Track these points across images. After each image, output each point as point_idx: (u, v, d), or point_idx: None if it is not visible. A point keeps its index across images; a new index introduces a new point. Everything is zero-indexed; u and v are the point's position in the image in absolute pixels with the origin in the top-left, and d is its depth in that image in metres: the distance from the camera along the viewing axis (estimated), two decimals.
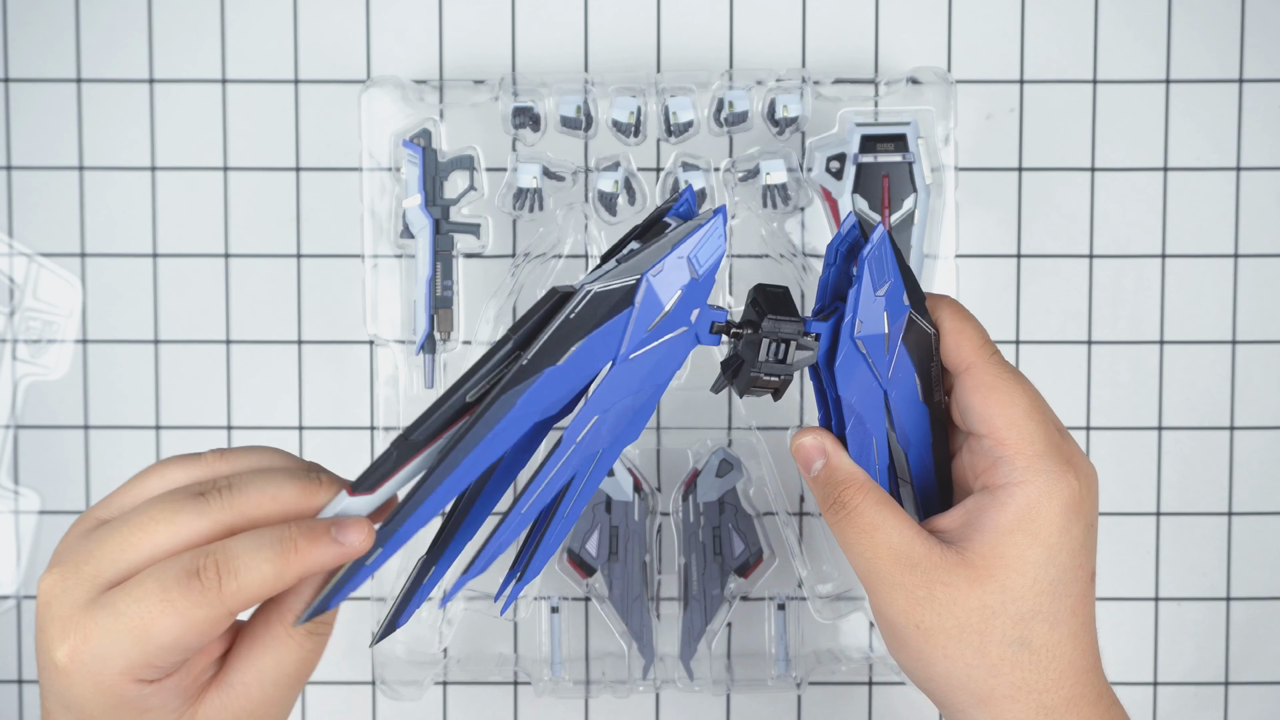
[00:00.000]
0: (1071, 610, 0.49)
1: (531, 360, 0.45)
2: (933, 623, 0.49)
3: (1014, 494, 0.49)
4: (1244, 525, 0.71)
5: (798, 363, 0.50)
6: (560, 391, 0.46)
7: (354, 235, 0.69)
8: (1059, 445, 0.49)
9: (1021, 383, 0.50)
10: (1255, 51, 0.70)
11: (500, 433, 0.45)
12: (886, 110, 0.66)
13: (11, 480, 0.71)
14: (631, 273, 0.46)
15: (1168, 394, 0.70)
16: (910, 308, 0.50)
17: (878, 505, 0.50)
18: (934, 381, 0.52)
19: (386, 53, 0.70)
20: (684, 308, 0.47)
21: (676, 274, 0.47)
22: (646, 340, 0.47)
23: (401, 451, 0.45)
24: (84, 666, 0.43)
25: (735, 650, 0.70)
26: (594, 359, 0.46)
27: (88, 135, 0.70)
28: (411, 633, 0.68)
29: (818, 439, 0.52)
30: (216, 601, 0.43)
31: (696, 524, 0.67)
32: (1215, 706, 0.71)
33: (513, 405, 0.45)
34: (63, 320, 0.71)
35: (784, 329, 0.49)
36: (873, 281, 0.49)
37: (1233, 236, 0.70)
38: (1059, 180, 0.70)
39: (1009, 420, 0.49)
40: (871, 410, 0.51)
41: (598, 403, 0.47)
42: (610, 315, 0.46)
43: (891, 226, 0.65)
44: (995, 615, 0.49)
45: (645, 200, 0.67)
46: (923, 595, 0.49)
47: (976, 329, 0.51)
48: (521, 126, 0.66)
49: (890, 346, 0.50)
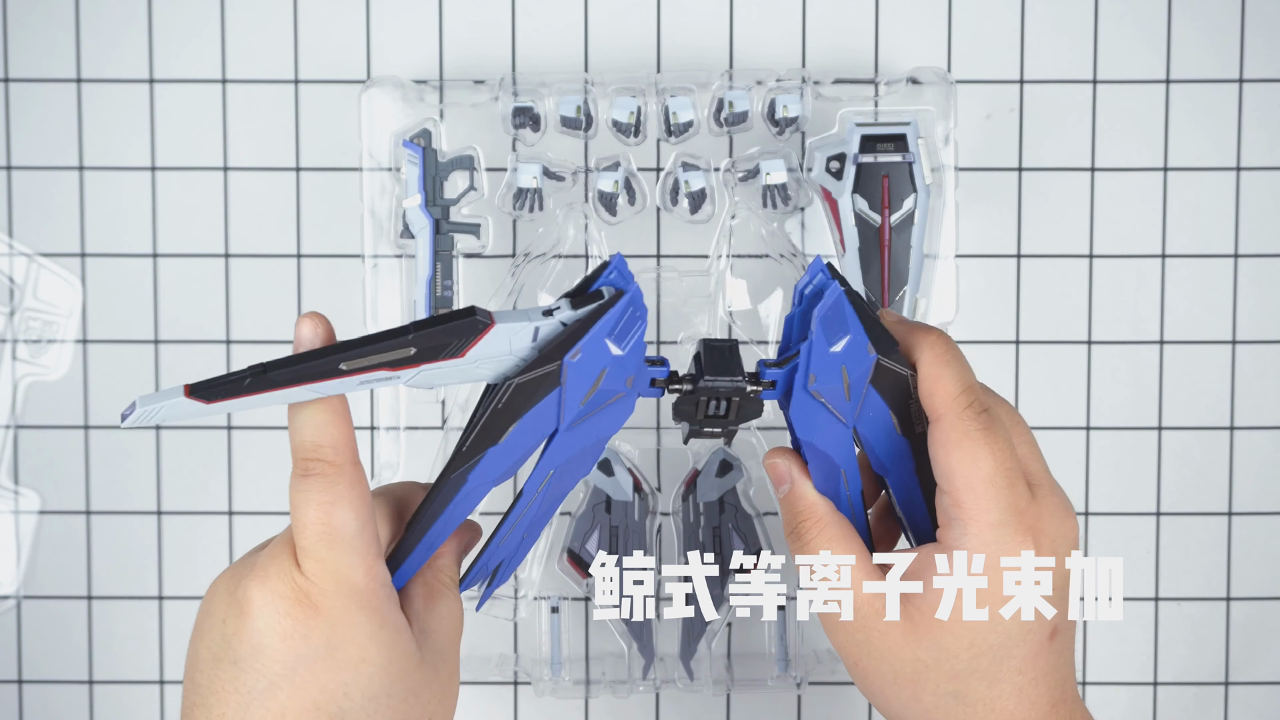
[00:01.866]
0: (1018, 669, 0.48)
1: (471, 443, 0.48)
2: (869, 665, 0.50)
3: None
4: (1244, 525, 0.71)
5: (741, 417, 0.51)
6: (508, 463, 0.49)
7: (354, 235, 0.69)
8: (1021, 511, 0.48)
9: (991, 442, 0.48)
10: (1255, 51, 0.70)
11: (460, 504, 0.49)
12: (886, 110, 0.66)
13: (11, 480, 0.71)
14: (551, 359, 0.47)
15: (1168, 394, 0.70)
16: (877, 357, 0.49)
17: (830, 541, 0.50)
18: (914, 415, 0.51)
19: (386, 53, 0.70)
20: (614, 380, 0.48)
21: (597, 354, 0.48)
22: (584, 411, 0.49)
23: (255, 381, 0.45)
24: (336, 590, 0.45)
25: (735, 650, 0.70)
26: (534, 434, 0.49)
27: (88, 135, 0.70)
28: None
29: (786, 463, 0.52)
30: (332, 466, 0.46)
31: (696, 524, 0.67)
32: (1215, 706, 0.71)
33: (464, 482, 0.48)
34: (63, 320, 0.71)
35: (720, 389, 0.50)
36: (826, 338, 0.48)
37: (1233, 236, 0.70)
38: (1059, 180, 0.70)
39: (967, 483, 0.48)
40: (836, 447, 0.51)
41: (551, 461, 0.50)
42: (540, 398, 0.48)
43: (891, 226, 0.65)
44: (929, 669, 0.48)
45: (645, 200, 0.67)
46: (860, 639, 0.49)
47: (955, 375, 0.49)
48: (521, 126, 0.66)
49: (853, 394, 0.50)
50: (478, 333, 0.47)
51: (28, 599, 0.71)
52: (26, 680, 0.71)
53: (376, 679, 0.45)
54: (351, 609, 0.45)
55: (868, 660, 0.50)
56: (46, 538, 0.71)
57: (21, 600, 0.71)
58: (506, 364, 0.48)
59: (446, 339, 0.46)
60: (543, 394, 0.48)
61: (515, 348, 0.47)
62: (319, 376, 0.45)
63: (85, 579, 0.71)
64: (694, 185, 0.66)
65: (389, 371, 0.46)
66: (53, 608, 0.71)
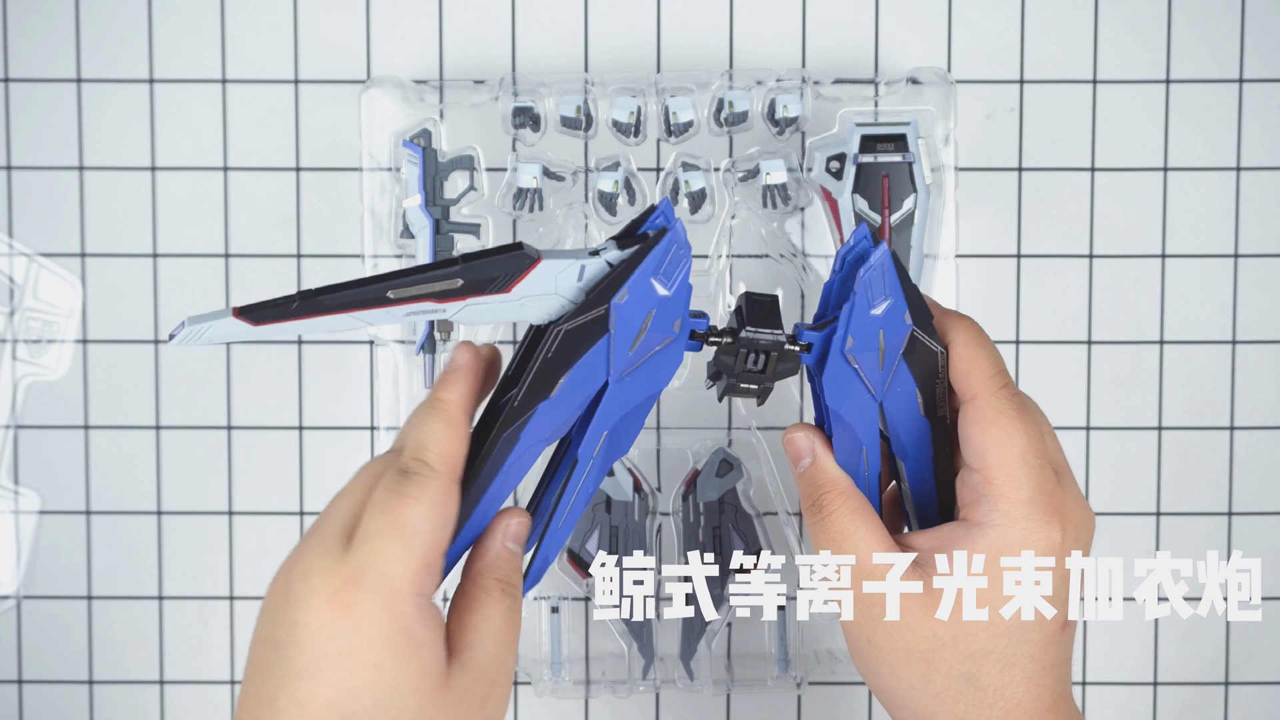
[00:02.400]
0: (1030, 655, 0.49)
1: (523, 399, 0.47)
2: (883, 641, 0.49)
3: (987, 534, 0.48)
4: (1244, 525, 0.71)
5: (778, 374, 0.50)
6: (560, 419, 0.48)
7: (354, 235, 0.69)
8: (1050, 493, 0.48)
9: (1025, 422, 0.49)
10: (1255, 51, 0.70)
11: (513, 464, 0.48)
12: (886, 110, 0.66)
13: (11, 480, 0.71)
14: (599, 303, 0.47)
15: (1168, 394, 0.70)
16: (913, 326, 0.50)
17: (853, 515, 0.50)
18: (938, 398, 0.51)
19: (386, 53, 0.70)
20: (661, 323, 0.48)
21: (644, 295, 0.47)
22: (633, 359, 0.48)
23: (303, 305, 0.46)
24: (373, 588, 0.44)
25: (735, 650, 0.70)
26: (585, 385, 0.48)
27: (88, 135, 0.70)
28: None
29: (809, 437, 0.52)
30: (429, 470, 0.46)
31: (696, 524, 0.67)
32: (1215, 706, 0.71)
33: (517, 440, 0.48)
34: (63, 320, 0.71)
35: (761, 342, 0.50)
36: (869, 300, 0.49)
37: (1233, 236, 0.70)
38: (1059, 180, 0.70)
39: (1001, 460, 0.48)
40: (862, 421, 0.51)
41: (604, 420, 0.49)
42: (589, 346, 0.47)
43: (891, 226, 0.65)
44: (945, 646, 0.48)
45: (645, 200, 0.67)
46: (877, 613, 0.49)
47: (990, 358, 0.50)
48: (521, 126, 0.66)
49: (886, 363, 0.50)
50: (524, 267, 0.47)
51: (28, 599, 0.71)
52: (26, 680, 0.71)
53: (387, 690, 0.44)
54: (378, 612, 0.44)
55: (883, 636, 0.49)
56: (46, 538, 0.71)
57: (21, 600, 0.71)
58: (552, 305, 0.47)
59: (493, 271, 0.46)
60: (592, 341, 0.47)
61: (561, 287, 0.47)
62: (366, 304, 0.46)
63: (85, 579, 0.71)
64: (694, 185, 0.66)
65: (435, 304, 0.46)
66: (53, 608, 0.71)
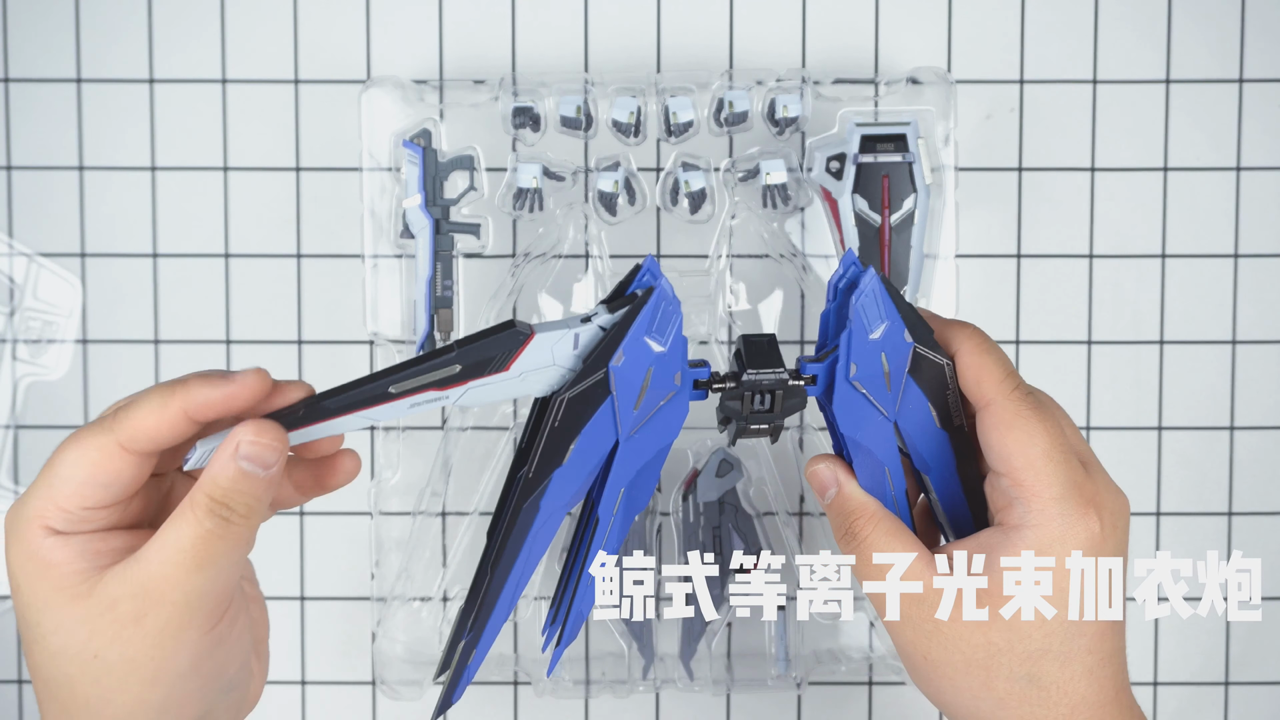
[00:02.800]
0: (1088, 648, 0.49)
1: (536, 469, 0.48)
2: (939, 656, 0.49)
3: (1026, 536, 0.48)
4: (1244, 525, 0.71)
5: (786, 410, 0.51)
6: (576, 485, 0.49)
7: (354, 235, 0.69)
8: (1080, 485, 0.48)
9: (1044, 419, 0.49)
10: (1255, 51, 0.70)
11: (537, 534, 0.49)
12: (886, 110, 0.66)
13: (11, 480, 0.71)
14: (597, 368, 0.48)
15: (1168, 394, 0.70)
16: (914, 344, 0.50)
17: (886, 536, 0.50)
18: (952, 408, 0.51)
19: (386, 53, 0.70)
20: (662, 378, 0.49)
21: (640, 355, 0.48)
22: (639, 417, 0.49)
23: (309, 412, 0.46)
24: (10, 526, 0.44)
25: (735, 650, 0.70)
26: (596, 448, 0.49)
27: (88, 135, 0.70)
28: (411, 633, 0.68)
29: (830, 467, 0.52)
30: (108, 430, 0.43)
31: (696, 524, 0.67)
32: (1215, 706, 0.71)
33: (538, 510, 0.49)
34: (63, 320, 0.71)
35: (764, 381, 0.50)
36: (865, 326, 0.49)
37: (1233, 236, 0.70)
38: (1059, 180, 0.70)
39: (1026, 461, 0.48)
40: (880, 443, 0.51)
41: (619, 478, 0.50)
42: (594, 410, 0.48)
43: (891, 226, 0.65)
44: (1002, 652, 0.48)
45: (645, 200, 0.67)
46: (929, 629, 0.49)
47: (997, 361, 0.50)
48: (521, 126, 0.66)
49: (893, 383, 0.50)
50: (519, 344, 0.48)
51: None
52: (26, 680, 0.71)
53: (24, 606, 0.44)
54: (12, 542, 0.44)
55: (939, 650, 0.49)
56: None
57: None
58: (552, 375, 0.48)
59: (489, 353, 0.47)
60: (595, 405, 0.48)
61: (558, 357, 0.48)
62: (370, 403, 0.47)
63: None
64: (694, 185, 0.66)
65: (437, 391, 0.47)
66: None
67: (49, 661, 0.44)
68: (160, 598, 0.43)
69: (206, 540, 0.43)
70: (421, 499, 0.68)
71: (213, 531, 0.43)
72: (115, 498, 0.44)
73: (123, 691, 0.44)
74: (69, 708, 0.44)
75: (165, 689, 0.44)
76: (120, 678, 0.44)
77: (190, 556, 0.43)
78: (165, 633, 0.43)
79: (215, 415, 0.45)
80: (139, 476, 0.45)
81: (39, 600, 0.44)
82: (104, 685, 0.44)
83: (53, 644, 0.44)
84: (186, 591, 0.43)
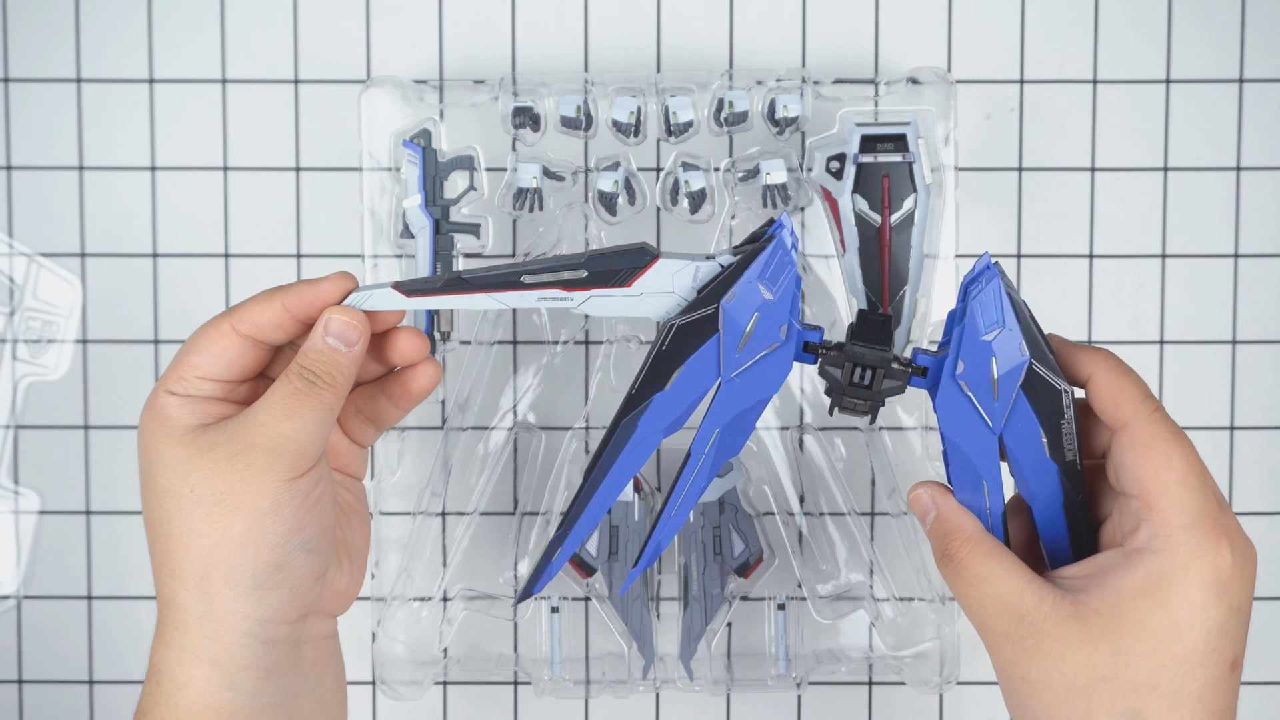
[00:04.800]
0: (1197, 695, 0.46)
1: (639, 389, 0.51)
2: (1038, 677, 0.47)
3: (1148, 559, 0.46)
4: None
5: (885, 391, 0.52)
6: (675, 411, 0.51)
7: (354, 235, 0.69)
8: (1215, 517, 0.47)
9: (1184, 445, 0.47)
10: (1255, 51, 0.70)
11: (632, 451, 0.51)
12: (886, 110, 0.66)
13: (11, 480, 0.71)
14: (710, 302, 0.50)
15: (1168, 394, 0.70)
16: (1030, 359, 0.49)
17: (985, 556, 0.49)
18: (1065, 439, 0.50)
19: (386, 53, 0.70)
20: (767, 327, 0.50)
21: (750, 298, 0.50)
22: (741, 360, 0.51)
23: (448, 284, 0.52)
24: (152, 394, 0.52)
25: (735, 650, 0.70)
26: (698, 381, 0.51)
27: (88, 135, 0.70)
28: (411, 633, 0.68)
29: (929, 492, 0.52)
30: (225, 317, 0.52)
31: (696, 524, 0.67)
32: None
33: (635, 428, 0.51)
34: (63, 320, 0.71)
35: (866, 357, 0.51)
36: (980, 325, 0.49)
37: (1233, 236, 0.70)
38: (1059, 180, 0.70)
39: (1162, 484, 0.47)
40: (980, 452, 0.51)
41: (715, 418, 0.51)
42: (700, 343, 0.50)
43: (891, 226, 0.65)
44: (1106, 679, 0.46)
45: (645, 200, 0.67)
46: (1030, 647, 0.47)
47: (1136, 384, 0.49)
48: (521, 126, 0.66)
49: (1002, 394, 0.50)
50: (644, 264, 0.51)
51: (28, 599, 0.71)
52: (26, 680, 0.71)
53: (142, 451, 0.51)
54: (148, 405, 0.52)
55: (1038, 672, 0.47)
56: (46, 538, 0.71)
57: (21, 600, 0.71)
58: (669, 302, 0.51)
59: (615, 265, 0.51)
60: (703, 338, 0.50)
61: (678, 285, 0.51)
62: (503, 286, 0.51)
63: (85, 579, 0.71)
64: (694, 185, 0.66)
65: (564, 291, 0.51)
66: (53, 608, 0.71)
67: (156, 500, 0.50)
68: (250, 442, 0.50)
69: (294, 396, 0.50)
70: (421, 499, 0.68)
71: (300, 390, 0.50)
72: (224, 372, 0.52)
73: (209, 521, 0.49)
74: (168, 543, 0.50)
75: (244, 523, 0.49)
76: (209, 509, 0.49)
77: (280, 408, 0.50)
78: (250, 470, 0.49)
79: (308, 309, 0.52)
80: (245, 359, 0.52)
81: (153, 446, 0.51)
82: (195, 517, 0.49)
83: (160, 482, 0.50)
84: (273, 437, 0.50)
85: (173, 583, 0.50)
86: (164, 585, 0.51)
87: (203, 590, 0.50)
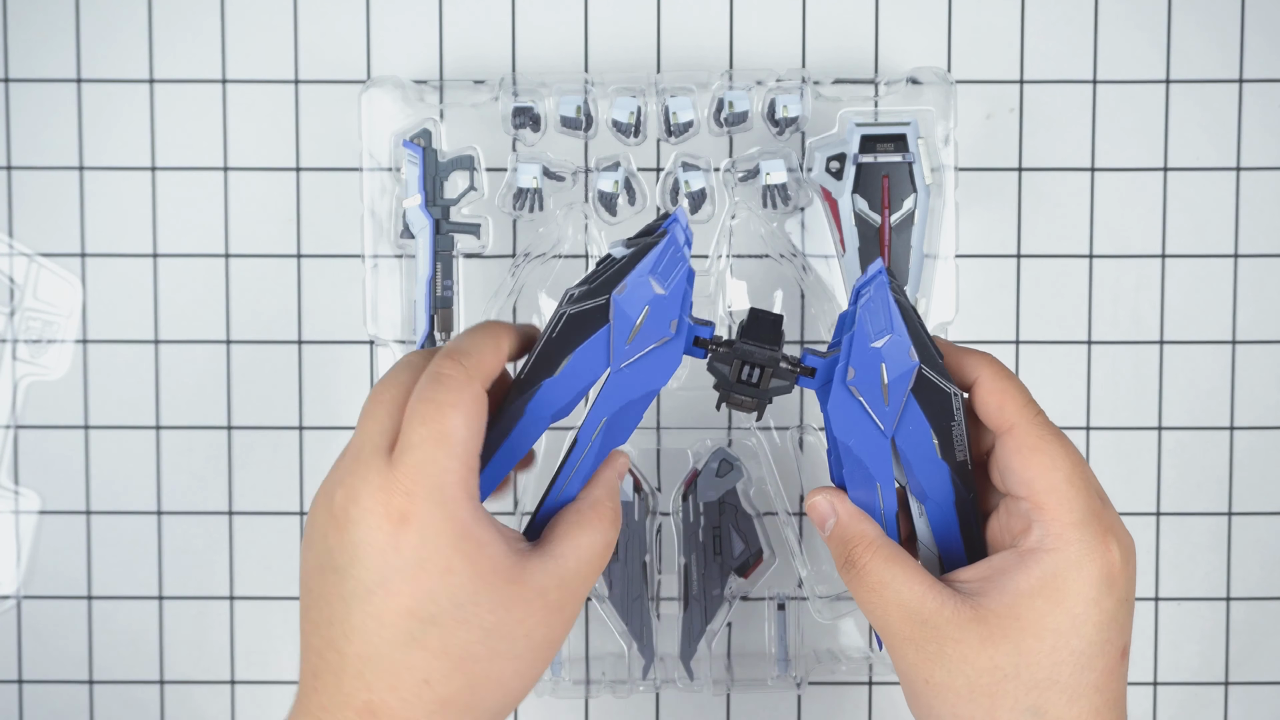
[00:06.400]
0: (1095, 686, 0.48)
1: (528, 373, 0.51)
2: (942, 679, 0.48)
3: (1042, 559, 0.48)
4: (1244, 525, 0.71)
5: (771, 390, 0.51)
6: (564, 398, 0.51)
7: (354, 235, 0.69)
8: (1100, 514, 0.48)
9: (1066, 446, 0.49)
10: (1255, 51, 0.70)
11: (519, 436, 0.51)
12: (886, 110, 0.66)
13: (11, 480, 0.71)
14: (601, 293, 0.50)
15: (1168, 394, 0.70)
16: (919, 364, 0.50)
17: (887, 563, 0.50)
18: (955, 440, 0.51)
19: (386, 53, 0.70)
20: (656, 321, 0.50)
21: (640, 291, 0.50)
22: (630, 351, 0.50)
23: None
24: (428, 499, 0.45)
25: (735, 650, 0.70)
26: (587, 369, 0.50)
27: (88, 135, 0.70)
28: None
29: (827, 499, 0.52)
30: (472, 378, 0.47)
31: (696, 524, 0.67)
32: (1215, 706, 0.71)
33: (522, 413, 0.50)
34: (63, 320, 0.71)
35: (754, 355, 0.51)
36: (869, 331, 0.50)
37: (1233, 236, 0.70)
38: (1059, 180, 0.70)
39: (1049, 485, 0.48)
40: (872, 456, 0.51)
41: (603, 406, 0.51)
42: (591, 333, 0.50)
43: (891, 226, 0.65)
44: (1008, 678, 0.47)
45: (645, 200, 0.67)
46: (933, 651, 0.48)
47: (1019, 389, 0.50)
48: (521, 126, 0.66)
49: (893, 398, 0.50)
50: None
51: (28, 599, 0.71)
52: (26, 680, 0.71)
53: (462, 588, 0.46)
54: (439, 519, 0.45)
55: (942, 674, 0.48)
56: (46, 538, 0.71)
57: (21, 600, 0.71)
58: None
59: None
60: (593, 328, 0.50)
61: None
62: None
63: (85, 579, 0.71)
64: (694, 185, 0.66)
65: None
66: (53, 608, 0.71)
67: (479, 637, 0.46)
68: (575, 593, 0.49)
69: (608, 547, 0.50)
70: None
71: (611, 540, 0.50)
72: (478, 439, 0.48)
73: (523, 661, 0.48)
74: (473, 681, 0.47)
75: (545, 666, 0.49)
76: (534, 655, 0.48)
77: (597, 559, 0.49)
78: (571, 620, 0.49)
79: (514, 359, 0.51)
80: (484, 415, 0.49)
81: (480, 581, 0.46)
82: (506, 657, 0.47)
83: (488, 620, 0.46)
84: (589, 589, 0.50)
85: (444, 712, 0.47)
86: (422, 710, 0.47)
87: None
